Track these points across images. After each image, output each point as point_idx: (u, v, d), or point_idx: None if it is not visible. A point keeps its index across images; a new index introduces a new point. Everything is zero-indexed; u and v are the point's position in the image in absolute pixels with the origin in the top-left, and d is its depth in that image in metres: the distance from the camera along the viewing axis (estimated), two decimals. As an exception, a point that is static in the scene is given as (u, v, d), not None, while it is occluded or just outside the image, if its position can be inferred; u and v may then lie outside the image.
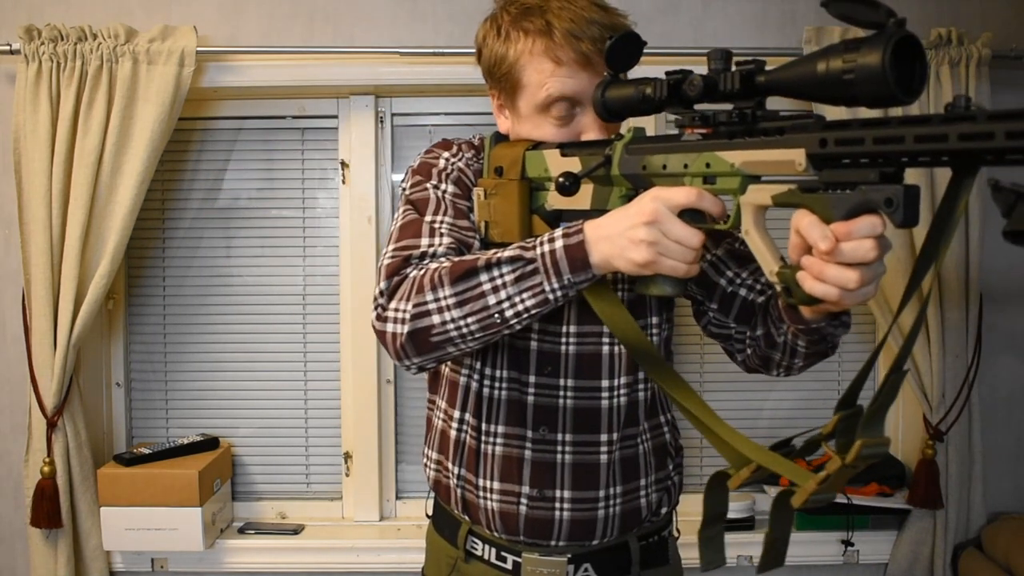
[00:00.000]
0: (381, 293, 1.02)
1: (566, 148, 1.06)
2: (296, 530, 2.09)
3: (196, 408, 2.19)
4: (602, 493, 1.13)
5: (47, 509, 1.88)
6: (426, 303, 0.97)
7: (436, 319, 0.97)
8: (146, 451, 1.99)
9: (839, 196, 0.77)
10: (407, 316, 0.98)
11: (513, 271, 0.95)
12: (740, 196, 0.87)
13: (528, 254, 0.95)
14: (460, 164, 1.16)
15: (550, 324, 1.12)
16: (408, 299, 0.98)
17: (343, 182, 2.13)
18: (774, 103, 0.85)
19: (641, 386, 1.16)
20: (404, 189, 1.16)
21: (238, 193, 2.17)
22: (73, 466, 1.93)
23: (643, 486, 1.16)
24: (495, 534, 1.16)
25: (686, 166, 0.91)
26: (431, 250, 1.04)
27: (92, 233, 1.88)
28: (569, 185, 0.99)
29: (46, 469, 1.89)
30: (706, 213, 0.90)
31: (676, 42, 2.01)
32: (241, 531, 2.09)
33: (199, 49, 1.89)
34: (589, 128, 1.08)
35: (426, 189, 1.12)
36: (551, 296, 0.95)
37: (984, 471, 2.03)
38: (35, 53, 1.85)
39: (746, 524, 2.05)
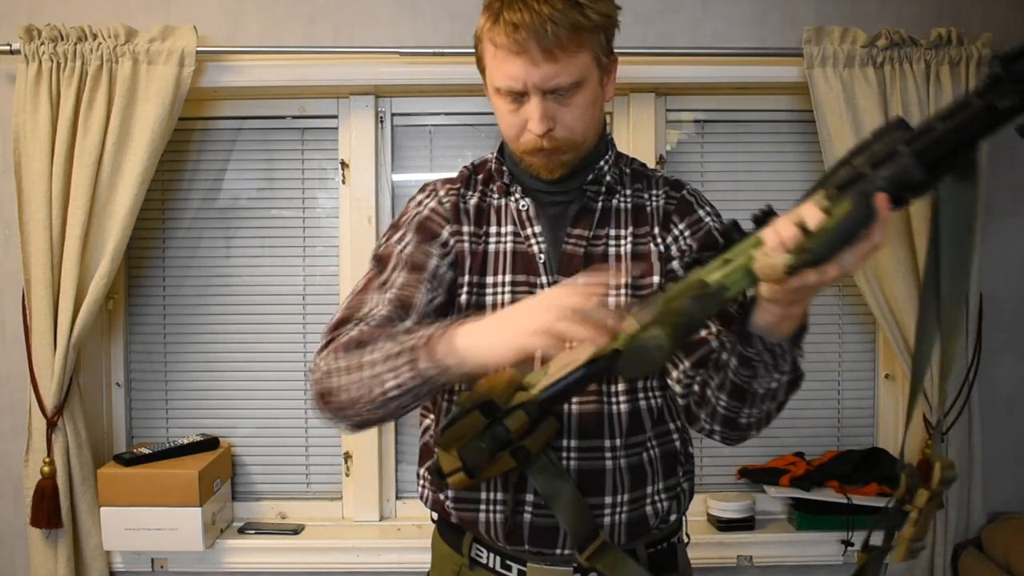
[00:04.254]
0: (319, 348, 1.07)
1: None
2: (296, 530, 2.09)
3: (196, 408, 2.19)
4: (608, 500, 1.12)
5: (47, 509, 1.88)
6: (330, 367, 1.01)
7: (334, 383, 1.00)
8: (146, 451, 1.99)
9: (852, 190, 0.82)
10: (319, 376, 1.02)
11: (396, 344, 0.97)
12: (755, 251, 0.87)
13: (413, 335, 0.96)
14: (432, 204, 1.20)
15: None
16: (324, 359, 1.03)
17: (343, 182, 2.13)
18: None
19: (642, 394, 1.15)
20: (380, 244, 1.20)
21: (238, 193, 2.17)
22: (73, 466, 1.93)
23: (650, 493, 1.15)
24: (499, 543, 1.15)
25: (701, 266, 0.92)
26: (371, 312, 1.07)
27: (92, 233, 1.88)
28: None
29: (46, 469, 1.89)
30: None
31: (676, 42, 2.01)
32: (241, 531, 2.09)
33: (199, 49, 1.89)
34: (531, 116, 1.08)
35: (391, 245, 1.17)
36: (424, 375, 0.94)
37: (984, 471, 2.03)
38: (35, 53, 1.85)
39: (746, 524, 2.05)
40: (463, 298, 1.16)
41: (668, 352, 0.91)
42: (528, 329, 0.88)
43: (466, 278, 1.17)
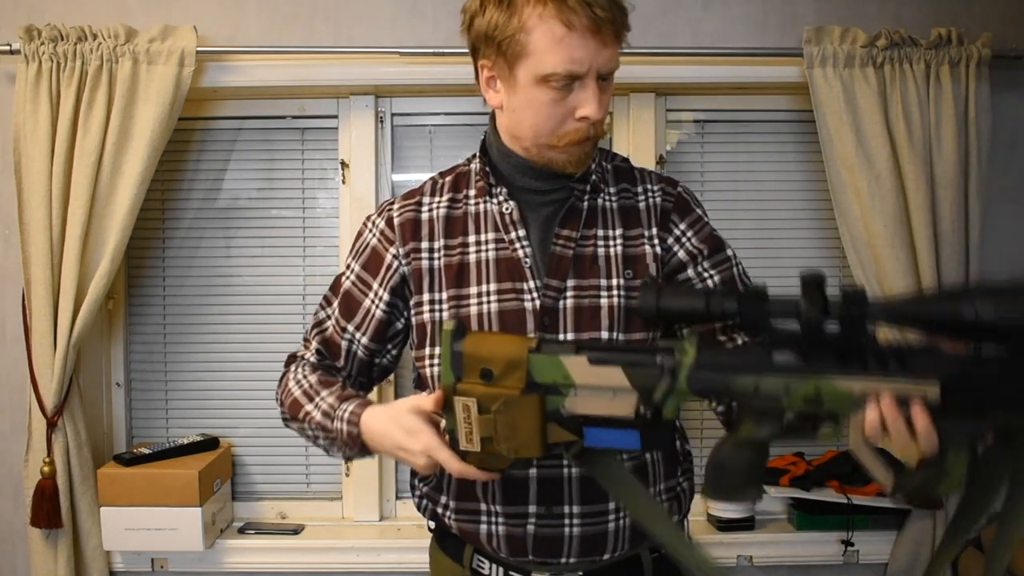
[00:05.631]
0: (282, 374, 1.26)
1: (594, 354, 0.94)
2: (296, 530, 2.09)
3: (196, 408, 2.19)
4: (612, 505, 1.11)
5: (47, 509, 1.88)
6: (285, 416, 1.22)
7: (294, 426, 1.21)
8: (146, 451, 1.99)
9: (968, 424, 0.81)
10: (280, 414, 1.23)
11: (325, 435, 1.14)
12: (851, 416, 0.85)
13: (330, 425, 1.12)
14: (381, 225, 1.21)
15: (547, 333, 1.11)
16: (280, 403, 1.23)
17: (343, 182, 2.13)
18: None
19: None
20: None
21: (238, 193, 2.18)
22: (73, 466, 1.93)
23: (652, 495, 1.14)
24: (501, 554, 1.14)
25: (788, 387, 0.86)
26: (308, 355, 1.25)
27: (92, 233, 1.88)
28: (652, 418, 0.92)
29: (46, 469, 1.89)
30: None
31: (676, 42, 2.01)
32: (241, 531, 2.09)
33: (199, 49, 1.89)
34: (586, 102, 1.05)
35: (343, 273, 1.25)
36: (355, 456, 1.15)
37: (984, 471, 2.03)
38: (35, 53, 1.85)
39: (746, 524, 2.05)
40: (426, 315, 1.15)
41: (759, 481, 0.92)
42: (398, 453, 1.05)
43: (426, 296, 1.15)
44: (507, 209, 1.15)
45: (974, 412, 0.80)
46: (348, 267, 1.23)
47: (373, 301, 1.19)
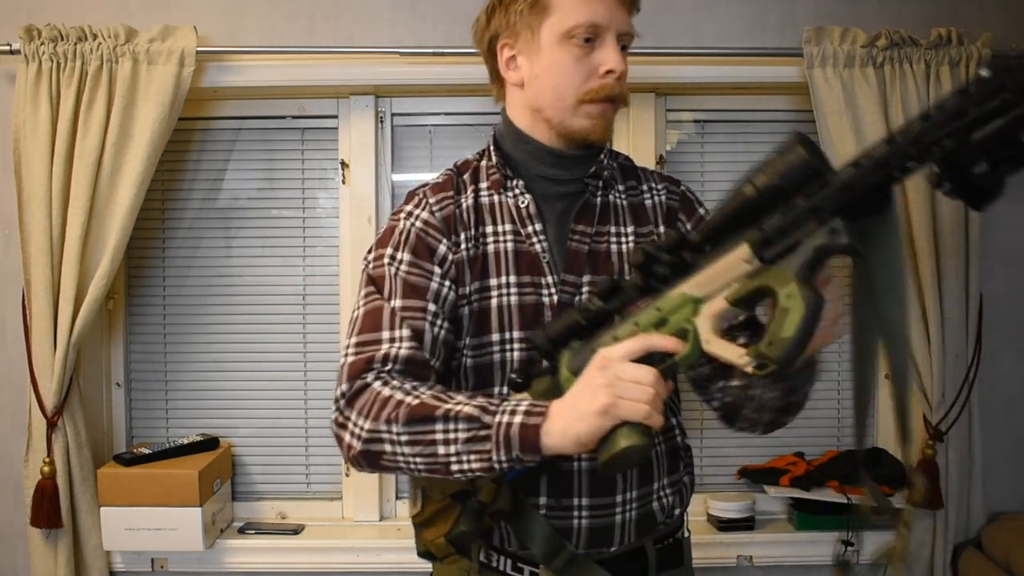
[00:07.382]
0: (342, 395, 1.05)
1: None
2: (296, 530, 2.09)
3: (196, 408, 2.19)
4: (619, 498, 1.12)
5: (47, 509, 1.88)
6: (380, 432, 1.00)
7: (388, 448, 1.00)
8: (146, 451, 1.99)
9: (788, 261, 0.82)
10: (363, 436, 1.01)
11: (468, 430, 0.95)
12: (695, 318, 0.89)
13: (486, 418, 0.94)
14: (424, 215, 1.13)
15: None
16: (367, 418, 1.01)
17: (343, 182, 2.13)
18: None
19: None
20: (368, 262, 1.13)
21: (238, 193, 2.18)
22: (73, 466, 1.93)
23: (656, 489, 1.15)
24: (509, 547, 1.15)
25: (637, 324, 0.93)
26: (392, 351, 1.05)
27: (92, 233, 1.88)
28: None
29: (46, 469, 1.89)
30: (660, 353, 0.91)
31: (675, 42, 2.01)
32: (241, 531, 2.09)
33: (199, 49, 1.89)
34: (607, 59, 1.09)
35: (383, 265, 1.11)
36: (497, 466, 0.94)
37: (984, 471, 2.03)
38: (35, 53, 1.85)
39: (746, 524, 2.05)
40: (464, 309, 1.13)
41: (648, 453, 0.93)
42: (597, 411, 0.89)
43: (467, 288, 1.12)
44: (523, 203, 1.15)
45: (789, 251, 0.82)
46: (392, 259, 1.11)
47: (439, 282, 1.11)
